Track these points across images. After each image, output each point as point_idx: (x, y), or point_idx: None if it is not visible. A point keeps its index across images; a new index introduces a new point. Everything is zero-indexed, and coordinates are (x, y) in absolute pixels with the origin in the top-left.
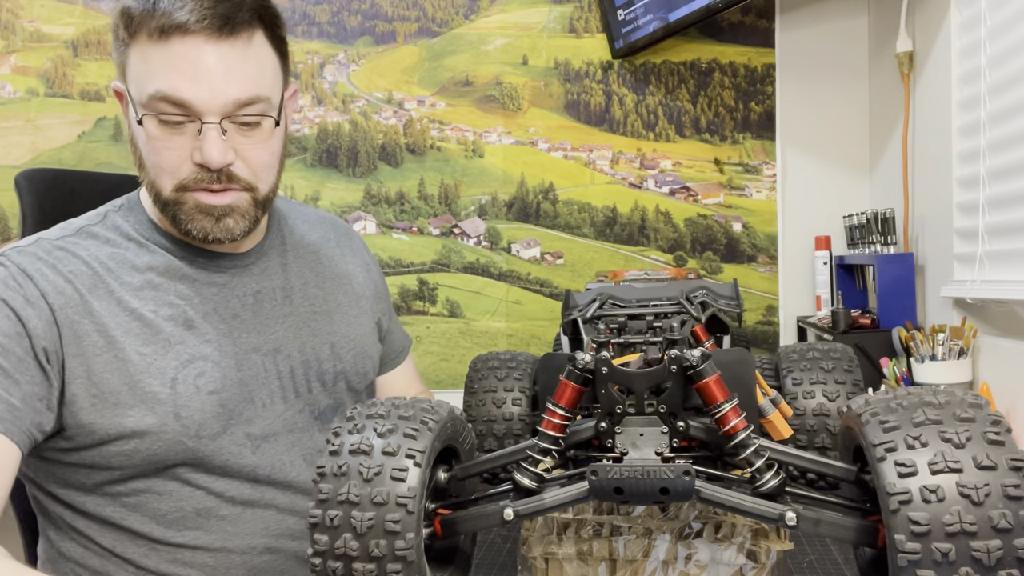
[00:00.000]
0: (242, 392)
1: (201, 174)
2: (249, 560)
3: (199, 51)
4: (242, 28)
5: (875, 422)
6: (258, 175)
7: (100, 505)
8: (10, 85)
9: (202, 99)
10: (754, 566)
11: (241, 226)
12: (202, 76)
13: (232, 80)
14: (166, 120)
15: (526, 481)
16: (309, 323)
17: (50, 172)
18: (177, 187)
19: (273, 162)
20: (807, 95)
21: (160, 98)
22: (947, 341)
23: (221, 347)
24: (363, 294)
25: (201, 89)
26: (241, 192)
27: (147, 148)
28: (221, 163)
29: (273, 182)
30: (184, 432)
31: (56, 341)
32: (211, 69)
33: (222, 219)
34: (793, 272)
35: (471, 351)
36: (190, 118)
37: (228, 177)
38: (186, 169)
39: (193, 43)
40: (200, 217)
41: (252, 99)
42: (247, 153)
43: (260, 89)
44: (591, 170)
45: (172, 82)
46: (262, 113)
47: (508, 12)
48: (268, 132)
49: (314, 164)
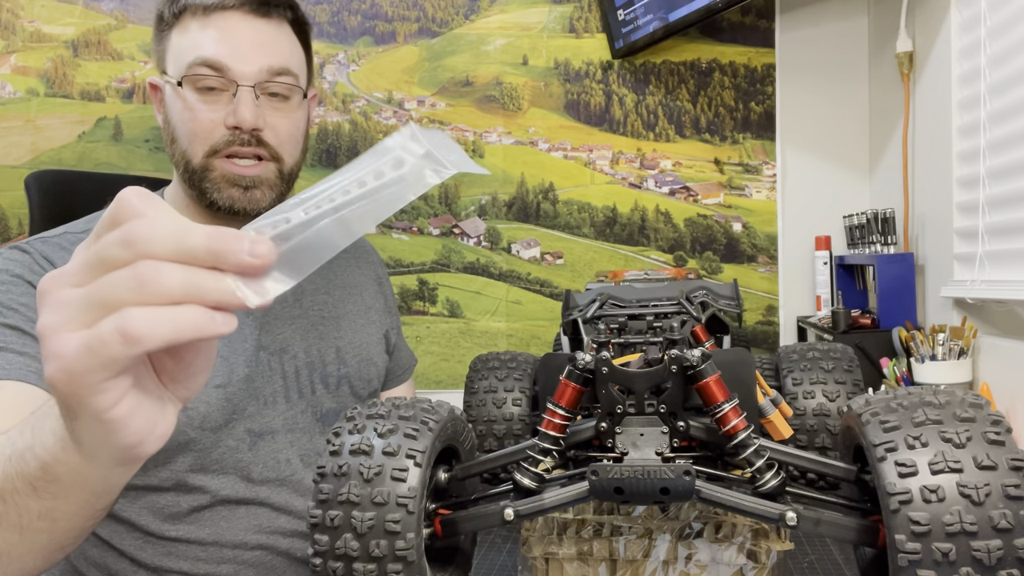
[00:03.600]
0: (248, 388)
1: (232, 136)
2: (240, 555)
3: (237, 23)
4: (276, 13)
5: (875, 422)
6: (284, 145)
7: None
8: (10, 85)
9: (237, 64)
10: (754, 566)
11: (268, 198)
12: (239, 44)
13: (265, 51)
14: (203, 85)
15: (526, 481)
16: (317, 327)
17: (59, 173)
18: (208, 152)
19: (298, 136)
20: (807, 95)
21: (200, 63)
22: (947, 341)
23: (231, 343)
24: (372, 306)
25: (237, 55)
26: (269, 163)
27: (182, 117)
28: (252, 123)
29: (298, 157)
30: (188, 423)
31: None
32: (247, 39)
33: (250, 190)
34: (793, 272)
35: (471, 351)
36: (225, 84)
37: (258, 142)
38: (218, 133)
39: (232, 17)
40: (227, 187)
41: (283, 69)
42: (276, 122)
43: (290, 64)
44: (591, 170)
45: (212, 49)
46: (292, 84)
47: (508, 12)
48: (296, 105)
49: (314, 164)
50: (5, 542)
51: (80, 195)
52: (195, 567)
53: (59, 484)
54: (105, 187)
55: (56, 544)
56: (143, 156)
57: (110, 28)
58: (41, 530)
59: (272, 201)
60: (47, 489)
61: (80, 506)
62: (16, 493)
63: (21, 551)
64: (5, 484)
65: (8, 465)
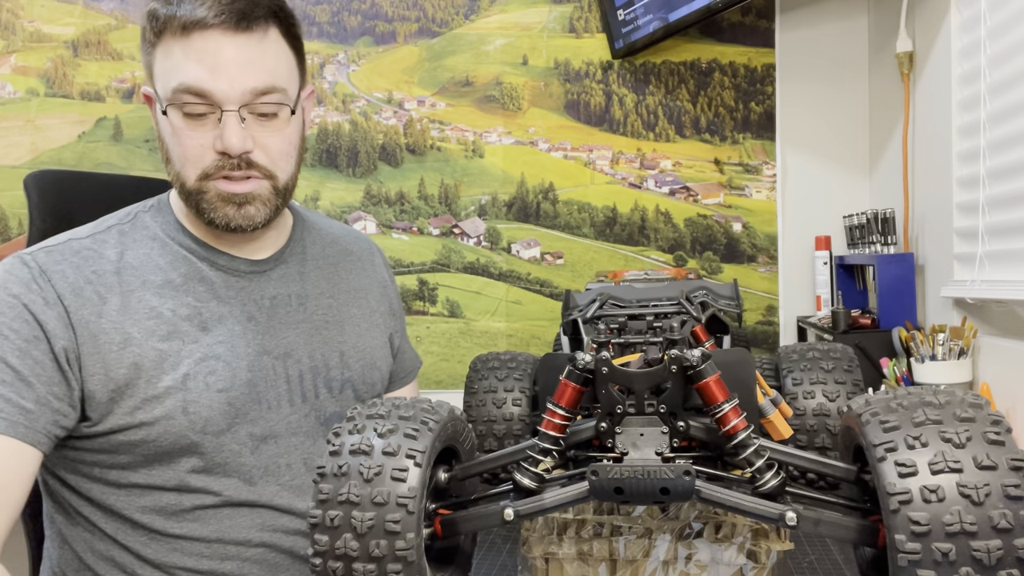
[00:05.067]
0: (250, 392)
1: (223, 161)
2: (243, 552)
3: (218, 44)
4: (258, 24)
5: (875, 422)
6: (276, 163)
7: (105, 493)
8: (10, 85)
9: (221, 88)
10: (754, 566)
11: (263, 213)
12: (221, 67)
13: (249, 70)
14: (189, 112)
15: (526, 481)
16: (321, 331)
17: (59, 174)
18: (200, 176)
19: (290, 151)
20: (807, 95)
21: (183, 90)
22: (947, 341)
23: (234, 348)
24: (377, 309)
25: (220, 79)
26: (261, 180)
27: (172, 140)
28: (240, 149)
29: (292, 171)
30: (190, 427)
31: (72, 340)
32: (229, 60)
33: (243, 206)
34: (793, 272)
35: (471, 351)
36: (211, 109)
37: (248, 164)
38: (208, 158)
39: (212, 37)
40: (222, 205)
41: (269, 88)
42: (265, 141)
43: (276, 80)
44: (591, 170)
45: (193, 74)
46: (279, 102)
47: (508, 12)
48: (285, 122)
49: (314, 164)
50: None
51: (80, 195)
52: (199, 563)
53: None
54: (105, 187)
55: None
56: (143, 156)
57: (110, 28)
58: None
59: (267, 216)
60: None
61: None
62: None
63: None
64: None
65: None
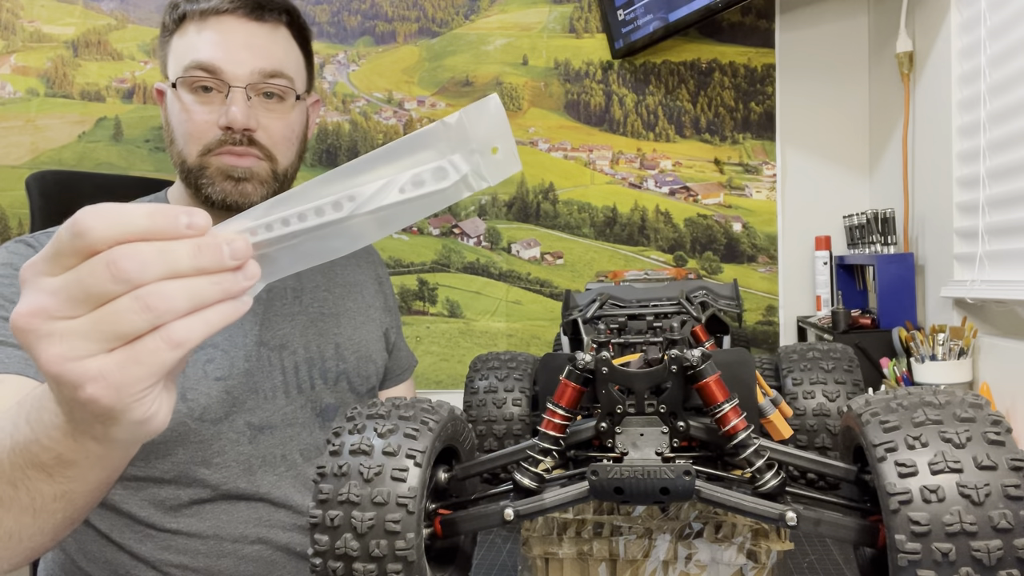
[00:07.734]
0: (247, 382)
1: (226, 136)
2: (240, 549)
3: (231, 27)
4: (271, 17)
5: (875, 422)
6: (277, 146)
7: None
8: (10, 85)
9: (230, 66)
10: (754, 566)
11: (259, 193)
12: (232, 46)
13: (258, 53)
14: (198, 87)
15: (526, 481)
16: (316, 323)
17: (60, 174)
18: (202, 151)
19: (292, 138)
20: (807, 95)
21: (195, 66)
22: (947, 341)
23: (231, 338)
24: (372, 304)
25: (230, 57)
26: (261, 160)
27: (179, 118)
28: (243, 123)
29: (292, 158)
30: (188, 414)
31: None
32: (240, 42)
33: (241, 183)
34: (793, 272)
35: (471, 351)
36: (219, 85)
37: (250, 142)
38: (212, 134)
39: (227, 21)
40: (221, 180)
41: (276, 72)
42: (268, 123)
43: (284, 67)
44: (591, 170)
45: (206, 52)
46: (285, 86)
47: (508, 12)
48: (289, 108)
49: (314, 164)
50: (17, 523)
51: (80, 195)
52: (194, 561)
53: (76, 468)
54: (105, 187)
55: (69, 520)
56: (143, 156)
57: (110, 28)
58: (57, 510)
59: (263, 197)
60: (63, 474)
61: (98, 484)
62: (27, 479)
63: (33, 531)
64: (14, 473)
65: (14, 456)
